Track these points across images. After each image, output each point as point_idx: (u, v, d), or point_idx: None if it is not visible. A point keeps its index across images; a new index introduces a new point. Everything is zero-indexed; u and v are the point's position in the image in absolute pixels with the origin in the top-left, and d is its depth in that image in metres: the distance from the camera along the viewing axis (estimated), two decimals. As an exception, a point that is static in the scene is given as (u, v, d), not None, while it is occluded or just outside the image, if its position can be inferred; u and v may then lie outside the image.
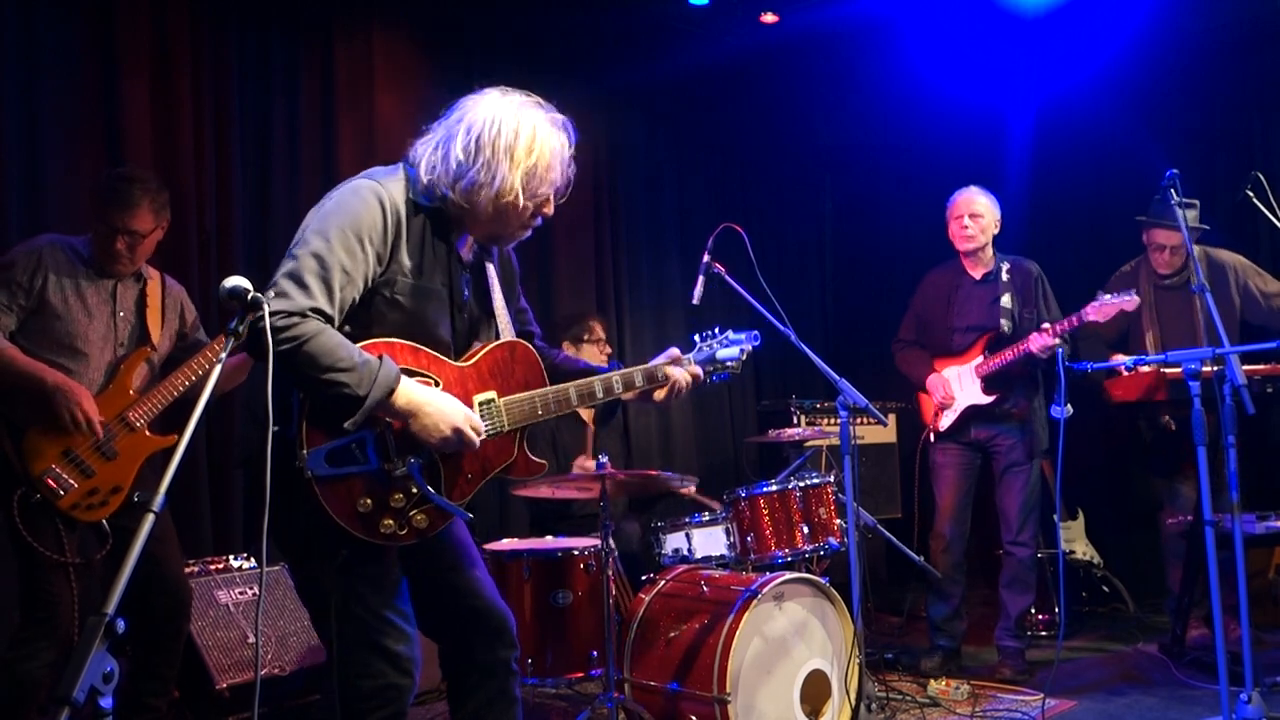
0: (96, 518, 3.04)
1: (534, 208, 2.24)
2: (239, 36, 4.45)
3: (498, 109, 2.20)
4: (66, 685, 1.41)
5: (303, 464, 2.00)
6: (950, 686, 3.92)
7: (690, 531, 3.89)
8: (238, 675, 3.45)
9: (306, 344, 1.95)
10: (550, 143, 2.21)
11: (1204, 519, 3.15)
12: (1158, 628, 4.81)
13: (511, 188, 2.16)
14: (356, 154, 4.78)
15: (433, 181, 2.18)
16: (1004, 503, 4.33)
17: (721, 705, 3.12)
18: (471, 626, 2.30)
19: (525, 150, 2.17)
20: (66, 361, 3.05)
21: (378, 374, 2.00)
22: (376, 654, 2.09)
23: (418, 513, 2.10)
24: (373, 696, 2.09)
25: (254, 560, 3.78)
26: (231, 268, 4.17)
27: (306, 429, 2.02)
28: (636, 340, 5.99)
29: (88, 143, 4.00)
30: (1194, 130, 5.49)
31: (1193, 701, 3.77)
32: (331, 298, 2.02)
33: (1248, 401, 3.07)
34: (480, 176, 2.15)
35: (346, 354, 1.99)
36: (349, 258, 2.05)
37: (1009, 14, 5.27)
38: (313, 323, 1.98)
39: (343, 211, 2.09)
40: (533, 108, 2.24)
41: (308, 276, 2.00)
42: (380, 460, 2.07)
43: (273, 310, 1.93)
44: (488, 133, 2.16)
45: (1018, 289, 4.31)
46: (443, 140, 2.20)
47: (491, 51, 5.34)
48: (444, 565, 2.28)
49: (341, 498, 2.03)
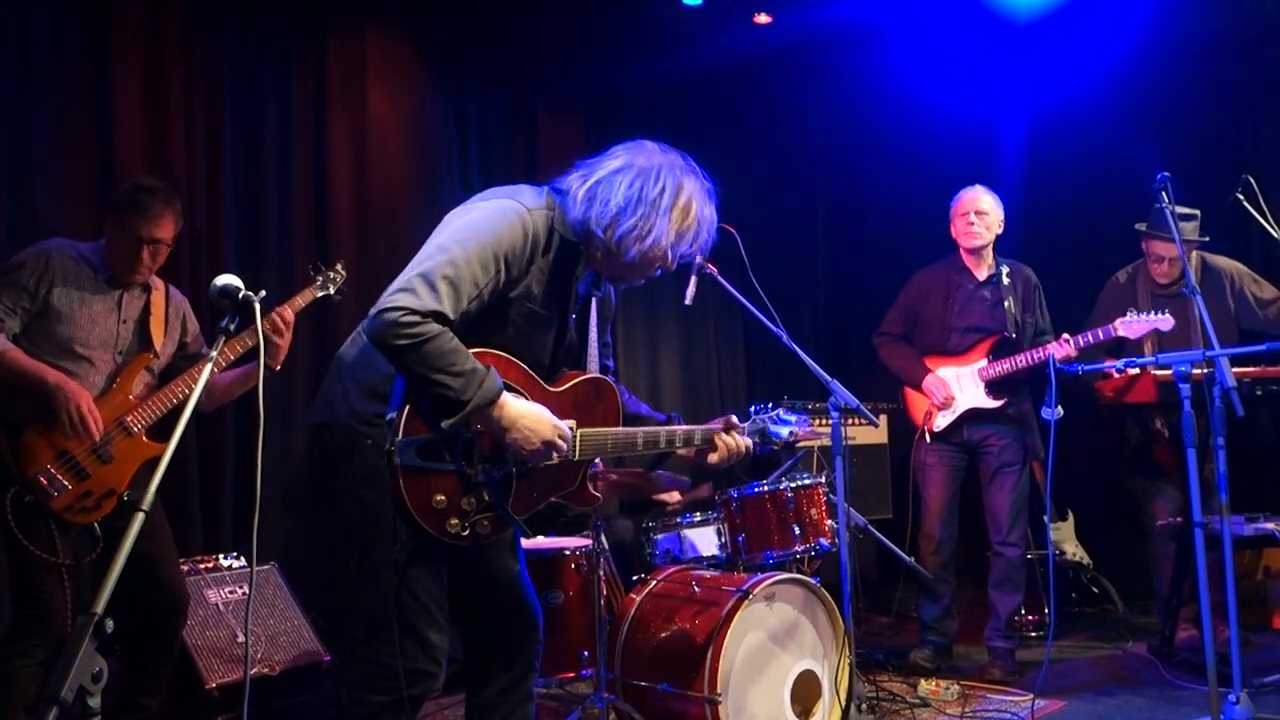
0: (89, 520, 3.02)
1: (668, 265, 2.35)
2: (232, 34, 4.43)
3: (661, 164, 2.31)
4: (54, 685, 1.41)
5: (394, 449, 2.08)
6: (940, 687, 3.93)
7: (682, 531, 3.89)
8: (227, 675, 3.44)
9: (427, 343, 2.04)
10: (705, 211, 2.34)
11: (1193, 520, 3.17)
12: (1147, 629, 4.83)
13: (663, 246, 2.28)
14: (349, 153, 4.77)
15: (586, 218, 2.26)
16: (994, 503, 4.33)
17: (712, 705, 3.12)
18: (508, 616, 2.39)
19: (682, 214, 2.29)
20: (68, 365, 3.05)
21: (484, 383, 2.08)
22: (411, 638, 2.16)
23: (483, 518, 2.19)
24: (401, 676, 2.15)
25: (244, 559, 3.77)
26: (222, 265, 4.16)
27: (408, 417, 2.10)
28: (629, 340, 5.99)
29: (79, 140, 3.98)
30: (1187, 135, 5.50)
31: (1181, 702, 3.78)
32: (457, 305, 2.10)
33: (1237, 404, 3.09)
34: (639, 227, 2.25)
35: (460, 359, 2.07)
36: (482, 272, 2.14)
37: (1001, 19, 5.28)
38: (434, 324, 2.05)
39: (488, 227, 2.17)
40: (691, 174, 2.35)
41: (439, 281, 2.09)
42: (464, 464, 2.16)
43: (399, 305, 2.03)
44: (651, 187, 2.27)
45: (1019, 294, 4.33)
46: (603, 181, 2.28)
47: (485, 51, 5.33)
48: (490, 553, 2.36)
49: (420, 490, 2.12)
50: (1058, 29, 5.29)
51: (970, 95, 5.76)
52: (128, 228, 3.11)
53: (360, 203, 4.76)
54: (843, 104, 6.25)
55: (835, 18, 5.33)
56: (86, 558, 3.03)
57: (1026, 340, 4.28)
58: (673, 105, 6.15)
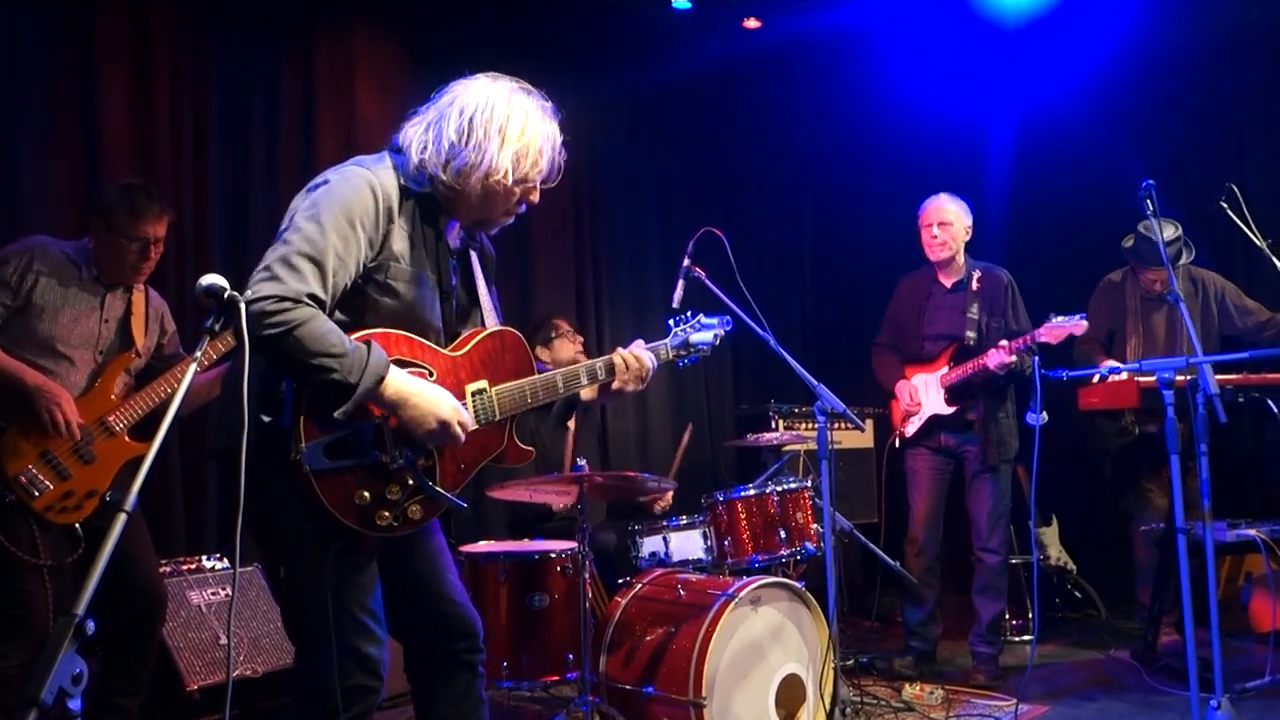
0: (70, 520, 3.01)
1: (520, 193, 2.25)
2: (220, 34, 4.41)
3: (490, 91, 2.20)
4: (34, 686, 1.39)
5: (300, 457, 1.98)
6: (924, 691, 3.94)
7: (667, 535, 3.89)
8: (209, 677, 3.42)
9: (297, 329, 1.92)
10: (541, 128, 2.22)
11: (1176, 526, 3.18)
12: (1130, 634, 4.85)
13: (500, 167, 2.17)
14: (336, 153, 4.73)
15: (423, 162, 2.17)
16: (973, 510, 4.37)
17: (697, 709, 3.12)
18: (441, 629, 2.29)
19: (517, 132, 2.18)
20: (48, 363, 3.03)
21: (367, 361, 1.98)
22: (347, 654, 2.07)
23: (413, 504, 2.11)
24: (341, 697, 2.07)
25: (227, 561, 3.75)
26: (208, 266, 4.14)
27: (305, 422, 2.00)
28: (616, 342, 5.97)
29: (65, 139, 3.96)
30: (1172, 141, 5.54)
31: (1163, 708, 3.80)
32: (324, 282, 2.00)
33: (1220, 411, 3.10)
34: (471, 157, 2.15)
35: (337, 340, 1.97)
36: (341, 242, 2.03)
37: (990, 25, 5.31)
38: (305, 308, 1.95)
39: (334, 196, 2.06)
40: (524, 93, 2.24)
41: (299, 260, 1.98)
42: (378, 452, 2.06)
43: (264, 294, 1.91)
44: (480, 114, 2.16)
45: (986, 298, 4.35)
46: (434, 121, 2.19)
47: (475, 53, 5.32)
48: (418, 568, 2.28)
49: (338, 491, 2.02)
50: (1046, 34, 5.32)
51: (958, 99, 5.78)
52: (119, 228, 3.10)
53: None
54: (831, 108, 6.27)
55: (824, 23, 5.35)
56: (68, 558, 3.01)
57: (994, 344, 4.30)
58: (662, 108, 6.16)
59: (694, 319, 2.75)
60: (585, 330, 5.69)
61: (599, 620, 3.58)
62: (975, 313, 4.31)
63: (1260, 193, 4.94)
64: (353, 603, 2.09)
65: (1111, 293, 4.67)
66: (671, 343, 2.69)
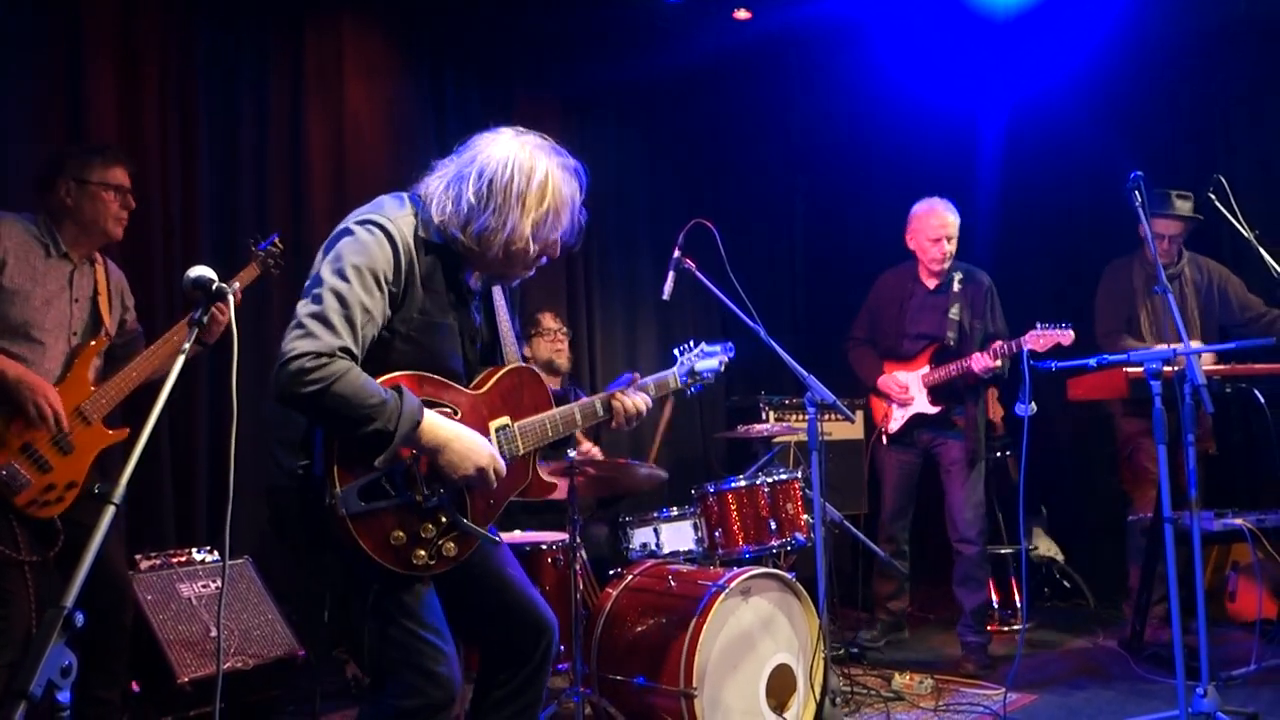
0: (51, 514, 2.93)
1: (541, 251, 2.27)
2: (208, 25, 4.38)
3: (511, 152, 2.19)
4: (24, 679, 1.39)
5: (335, 501, 2.02)
6: (914, 681, 3.97)
7: (658, 526, 3.90)
8: (199, 669, 3.40)
9: (335, 384, 1.96)
10: (562, 191, 2.23)
11: (1163, 516, 3.20)
12: (1118, 623, 4.87)
13: (522, 235, 2.19)
14: (324, 145, 4.73)
15: (444, 222, 2.19)
16: (949, 504, 4.47)
17: (688, 699, 3.13)
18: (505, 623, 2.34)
19: (537, 198, 2.19)
20: (23, 350, 2.94)
21: (402, 408, 2.03)
22: (418, 674, 2.12)
23: (447, 541, 2.15)
24: (415, 714, 2.12)
25: (217, 553, 3.73)
26: (196, 258, 4.12)
27: (338, 468, 2.04)
28: (607, 336, 5.99)
29: (52, 128, 3.93)
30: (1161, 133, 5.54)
31: (1150, 695, 3.83)
32: (356, 336, 2.04)
33: (1207, 401, 3.12)
34: (491, 222, 2.17)
35: (374, 390, 2.01)
36: (368, 296, 2.07)
37: (980, 17, 5.31)
38: (340, 362, 1.99)
39: (356, 249, 2.09)
40: (547, 153, 2.24)
41: (332, 316, 2.02)
42: (411, 493, 2.10)
43: (301, 351, 1.96)
44: (500, 178, 2.16)
45: (968, 300, 4.43)
46: (454, 180, 2.20)
47: (463, 46, 5.31)
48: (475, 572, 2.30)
49: (375, 532, 2.07)
50: (1036, 26, 5.32)
51: (949, 92, 5.78)
52: (97, 178, 3.04)
53: (337, 194, 4.72)
54: (822, 100, 6.26)
55: (815, 14, 5.34)
56: (50, 553, 2.95)
57: (975, 345, 4.37)
58: (651, 100, 6.15)
59: (696, 347, 2.82)
60: (575, 323, 5.68)
61: (590, 611, 3.59)
62: (957, 314, 4.40)
63: (1250, 184, 4.96)
64: (411, 622, 2.14)
65: (1119, 275, 4.66)
66: (679, 372, 2.76)
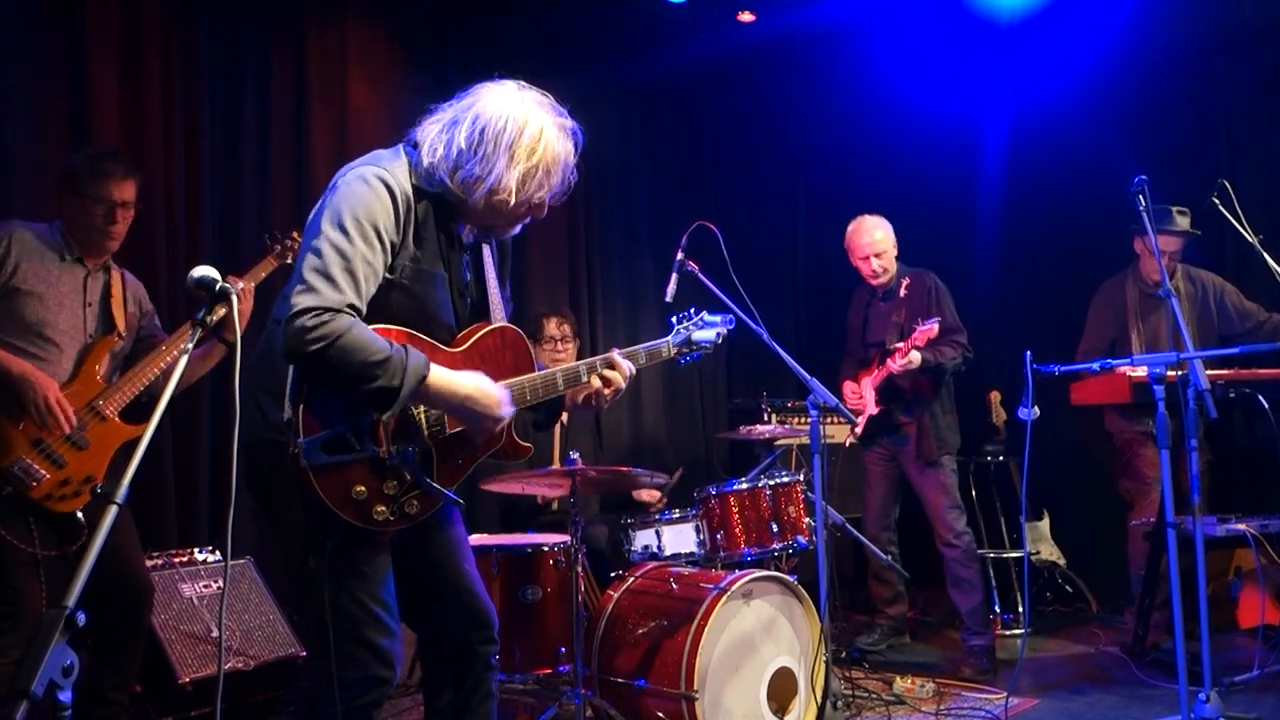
0: (70, 509, 2.98)
1: (525, 210, 2.23)
2: (210, 24, 4.38)
3: (508, 103, 2.16)
4: (25, 679, 1.38)
5: (298, 451, 1.99)
6: (916, 684, 3.95)
7: (660, 528, 3.89)
8: (201, 669, 3.41)
9: (340, 339, 1.93)
10: (554, 147, 2.18)
11: (1166, 521, 3.20)
12: (1120, 628, 4.87)
13: (506, 186, 2.14)
14: (328, 144, 4.73)
15: (433, 165, 2.15)
16: (925, 506, 4.51)
17: (689, 702, 3.12)
18: (457, 619, 2.31)
19: (527, 151, 2.14)
20: (36, 350, 2.99)
21: (407, 364, 1.99)
22: (361, 645, 2.10)
23: (410, 499, 2.11)
24: (353, 685, 2.10)
25: (219, 553, 3.74)
26: (200, 258, 4.12)
27: (303, 416, 2.00)
28: (610, 337, 5.97)
29: (55, 129, 3.93)
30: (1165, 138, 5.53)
31: (1153, 700, 3.82)
32: (359, 290, 2.01)
33: (1210, 406, 3.11)
34: (477, 170, 2.13)
35: (379, 347, 1.97)
36: (369, 248, 2.03)
37: (984, 21, 5.31)
38: (344, 317, 1.96)
39: (355, 202, 2.07)
40: (545, 109, 2.20)
41: (334, 270, 1.99)
42: (376, 447, 2.06)
43: (304, 307, 1.93)
44: (492, 126, 2.13)
45: (911, 303, 4.48)
46: (448, 125, 2.17)
47: (467, 45, 5.30)
48: (437, 556, 2.30)
49: (336, 486, 2.03)
50: (1040, 30, 5.32)
51: (953, 96, 5.77)
52: (84, 190, 3.06)
53: (340, 195, 4.72)
54: (825, 103, 6.26)
55: (819, 17, 5.34)
56: (71, 547, 2.98)
57: None
58: (656, 102, 6.15)
59: (696, 316, 2.71)
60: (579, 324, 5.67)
61: (591, 613, 3.58)
62: (899, 317, 4.49)
63: (1254, 189, 4.96)
64: (363, 593, 2.11)
65: (1112, 293, 4.67)
66: (673, 340, 2.65)
